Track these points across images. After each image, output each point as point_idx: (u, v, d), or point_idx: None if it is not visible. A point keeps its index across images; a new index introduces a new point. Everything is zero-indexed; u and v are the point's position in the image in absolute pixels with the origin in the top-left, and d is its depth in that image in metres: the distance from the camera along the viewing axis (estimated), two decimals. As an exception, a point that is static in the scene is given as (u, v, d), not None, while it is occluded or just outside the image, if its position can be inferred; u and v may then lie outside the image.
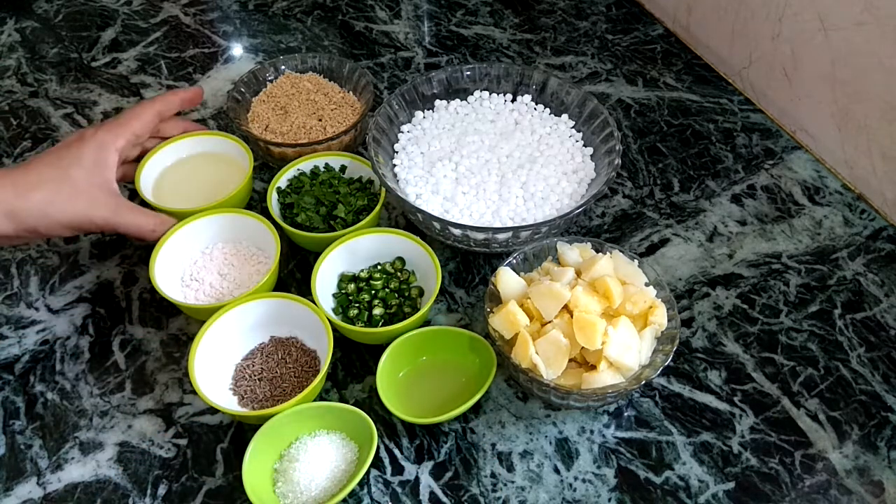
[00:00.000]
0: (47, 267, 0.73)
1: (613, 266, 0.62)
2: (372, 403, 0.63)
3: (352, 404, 0.59)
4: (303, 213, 0.71)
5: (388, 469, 0.59)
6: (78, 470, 0.59)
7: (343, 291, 0.68)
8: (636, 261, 0.63)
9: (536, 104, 0.80)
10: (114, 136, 0.67)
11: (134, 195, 0.78)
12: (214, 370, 0.62)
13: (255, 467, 0.56)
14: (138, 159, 0.75)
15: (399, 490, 0.58)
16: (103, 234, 0.75)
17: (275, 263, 0.66)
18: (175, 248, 0.68)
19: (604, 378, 0.56)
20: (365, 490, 0.58)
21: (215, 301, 0.67)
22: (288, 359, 0.64)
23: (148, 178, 0.75)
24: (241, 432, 0.61)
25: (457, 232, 0.67)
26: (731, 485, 0.58)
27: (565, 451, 0.60)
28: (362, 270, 0.70)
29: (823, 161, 0.81)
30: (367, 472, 0.59)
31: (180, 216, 0.70)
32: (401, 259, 0.70)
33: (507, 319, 0.59)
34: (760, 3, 0.83)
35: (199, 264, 0.70)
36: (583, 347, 0.57)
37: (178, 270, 0.69)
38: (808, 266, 0.72)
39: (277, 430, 0.58)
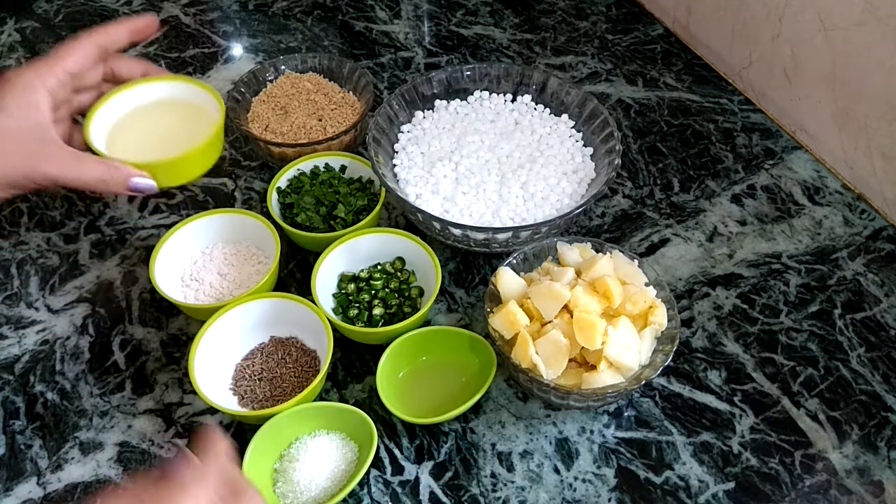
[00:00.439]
0: (47, 267, 0.73)
1: (613, 266, 0.62)
2: (372, 403, 0.63)
3: (352, 404, 0.59)
4: (303, 213, 0.71)
5: (388, 469, 0.59)
6: (78, 470, 0.59)
7: (343, 291, 0.68)
8: (636, 261, 0.63)
9: (536, 104, 0.80)
10: (40, 76, 0.56)
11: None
12: (214, 370, 0.62)
13: (255, 467, 0.56)
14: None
15: (399, 490, 0.58)
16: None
17: (275, 263, 0.66)
18: (175, 248, 0.68)
19: (604, 378, 0.56)
20: (365, 490, 0.58)
21: (215, 301, 0.67)
22: (288, 359, 0.64)
23: (100, 128, 0.63)
24: (241, 432, 0.61)
25: (457, 232, 0.67)
26: (731, 485, 0.58)
27: (565, 451, 0.60)
28: (362, 270, 0.70)
29: (823, 161, 0.81)
30: (367, 472, 0.59)
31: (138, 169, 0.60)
32: (401, 259, 0.70)
33: (507, 319, 0.59)
34: (760, 3, 0.83)
35: (199, 264, 0.70)
36: (583, 347, 0.57)
37: (178, 270, 0.69)
38: (808, 266, 0.72)
39: (277, 430, 0.58)
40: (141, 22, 0.63)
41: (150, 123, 0.65)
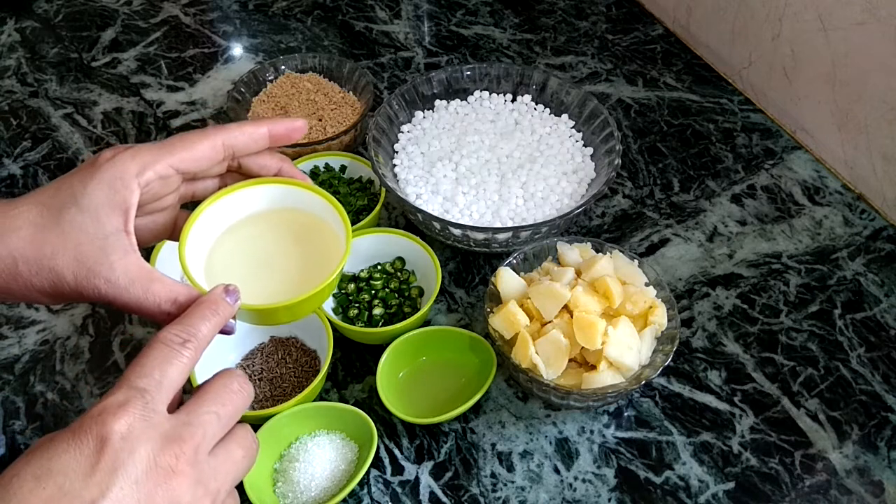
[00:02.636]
0: (47, 267, 0.73)
1: (613, 266, 0.62)
2: (372, 403, 0.63)
3: (352, 404, 0.59)
4: (303, 213, 0.71)
5: (388, 469, 0.59)
6: (78, 470, 0.59)
7: (343, 291, 0.68)
8: (636, 261, 0.63)
9: (536, 104, 0.80)
10: (140, 163, 0.43)
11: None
12: (214, 370, 0.62)
13: (255, 467, 0.56)
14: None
15: (399, 490, 0.58)
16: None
17: None
18: (175, 248, 0.68)
19: (604, 378, 0.56)
20: (365, 490, 0.58)
21: None
22: (288, 359, 0.64)
23: (197, 245, 0.48)
24: (241, 432, 0.61)
25: (457, 232, 0.67)
26: (731, 485, 0.58)
27: (565, 451, 0.60)
28: (362, 270, 0.70)
29: (823, 161, 0.81)
30: (367, 472, 0.59)
31: (249, 316, 0.46)
32: (401, 259, 0.70)
33: (507, 319, 0.59)
34: (760, 3, 0.83)
35: None
36: (583, 347, 0.57)
37: (178, 270, 0.69)
38: (808, 266, 0.72)
39: (277, 430, 0.58)
40: (282, 126, 0.49)
41: (264, 243, 0.50)
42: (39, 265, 0.41)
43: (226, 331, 0.43)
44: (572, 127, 0.78)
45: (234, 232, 0.49)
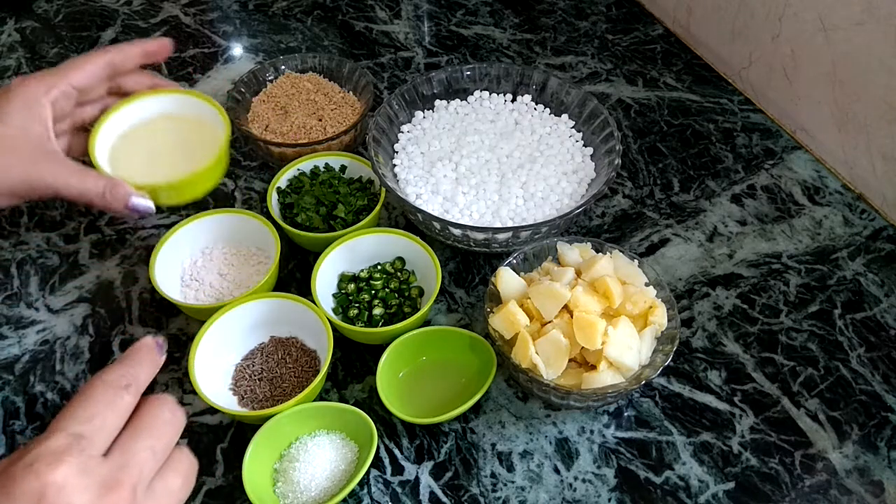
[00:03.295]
0: (47, 267, 0.73)
1: (613, 266, 0.62)
2: (372, 403, 0.63)
3: (352, 404, 0.59)
4: (303, 213, 0.71)
5: (388, 469, 0.59)
6: (78, 470, 0.59)
7: (343, 291, 0.68)
8: (636, 261, 0.63)
9: (536, 104, 0.80)
10: (45, 86, 0.57)
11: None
12: (214, 370, 0.62)
13: (255, 467, 0.56)
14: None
15: (399, 490, 0.58)
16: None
17: (275, 263, 0.66)
18: (175, 248, 0.68)
19: (604, 378, 0.56)
20: (365, 490, 0.58)
21: (215, 301, 0.67)
22: (288, 359, 0.64)
23: (104, 143, 0.64)
24: (241, 432, 0.61)
25: (457, 232, 0.67)
26: (731, 485, 0.58)
27: (565, 451, 0.60)
28: (362, 270, 0.70)
29: (823, 161, 0.81)
30: (367, 472, 0.59)
31: (142, 191, 0.62)
32: (401, 259, 0.70)
33: (507, 319, 0.59)
34: (760, 3, 0.83)
35: (199, 264, 0.70)
36: (583, 347, 0.57)
37: (178, 270, 0.69)
38: (808, 266, 0.72)
39: (277, 430, 0.58)
40: (154, 44, 0.63)
41: (154, 140, 0.65)
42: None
43: (143, 213, 0.59)
44: (572, 127, 0.78)
45: (131, 134, 0.65)
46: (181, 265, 0.69)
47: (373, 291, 0.67)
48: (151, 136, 0.66)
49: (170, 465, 0.40)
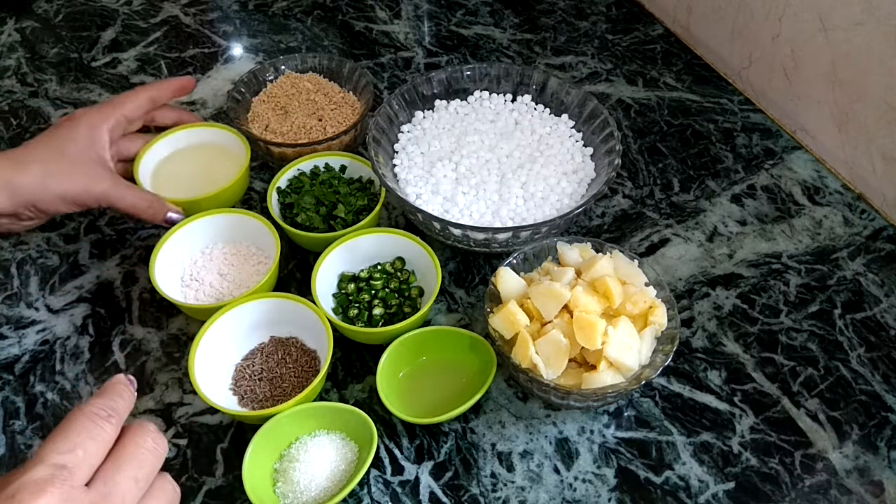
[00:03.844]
0: (47, 267, 0.73)
1: (613, 266, 0.62)
2: (372, 403, 0.63)
3: (352, 404, 0.59)
4: (303, 213, 0.71)
5: (388, 469, 0.59)
6: (78, 470, 0.59)
7: (343, 291, 0.68)
8: (636, 261, 0.63)
9: (536, 104, 0.80)
10: (104, 117, 0.69)
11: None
12: (214, 370, 0.62)
13: (255, 467, 0.56)
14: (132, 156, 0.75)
15: (399, 490, 0.58)
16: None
17: (275, 263, 0.66)
18: (175, 248, 0.68)
19: (604, 378, 0.56)
20: (365, 490, 0.58)
21: (215, 301, 0.67)
22: (288, 359, 0.64)
23: (146, 170, 0.75)
24: (241, 432, 0.61)
25: (457, 232, 0.67)
26: (731, 485, 0.58)
27: (565, 451, 0.60)
28: (362, 270, 0.70)
29: (823, 161, 0.81)
30: (367, 472, 0.59)
31: (178, 206, 0.71)
32: (401, 259, 0.70)
33: (507, 319, 0.59)
34: (760, 3, 0.83)
35: (199, 264, 0.70)
36: (583, 347, 0.57)
37: (178, 270, 0.69)
38: (808, 266, 0.72)
39: (277, 430, 0.58)
40: (181, 82, 0.77)
41: (186, 165, 0.77)
42: (61, 185, 0.65)
43: (172, 221, 0.69)
44: (572, 127, 0.78)
45: (167, 159, 0.78)
46: (181, 265, 0.70)
47: (373, 291, 0.67)
48: (184, 162, 0.78)
49: (152, 494, 0.40)
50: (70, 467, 0.37)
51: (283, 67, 0.86)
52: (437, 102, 0.80)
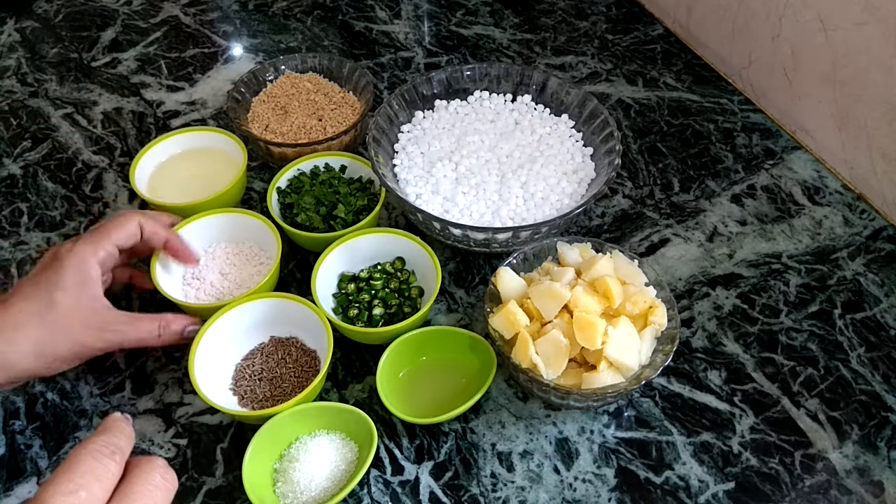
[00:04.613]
0: (47, 267, 0.73)
1: (613, 266, 0.62)
2: (372, 403, 0.63)
3: (352, 404, 0.59)
4: (303, 213, 0.71)
5: (388, 469, 0.59)
6: (78, 470, 0.59)
7: (343, 291, 0.68)
8: (636, 261, 0.63)
9: (536, 104, 0.80)
10: (93, 248, 0.60)
11: (132, 197, 0.78)
12: (214, 370, 0.62)
13: (255, 467, 0.56)
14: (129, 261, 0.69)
15: (399, 490, 0.58)
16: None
17: (276, 263, 0.66)
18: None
19: (604, 378, 0.56)
20: (365, 490, 0.58)
21: (216, 300, 0.67)
22: (288, 359, 0.64)
23: (142, 174, 0.75)
24: (241, 432, 0.61)
25: (457, 232, 0.67)
26: (731, 485, 0.58)
27: (565, 451, 0.60)
28: (362, 270, 0.70)
29: (823, 161, 0.81)
30: (367, 472, 0.59)
31: (175, 211, 0.70)
32: (401, 259, 0.70)
33: (507, 319, 0.59)
34: (760, 3, 0.83)
35: (200, 263, 0.70)
36: (583, 347, 0.57)
37: (178, 269, 0.69)
38: (808, 266, 0.72)
39: (277, 430, 0.58)
40: (183, 250, 0.67)
41: (183, 169, 0.77)
42: (60, 342, 0.57)
43: (193, 336, 0.61)
44: (572, 127, 0.78)
45: (164, 165, 0.77)
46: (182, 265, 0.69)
47: (373, 291, 0.67)
48: (182, 166, 0.77)
49: None
50: None
51: (283, 67, 0.86)
52: (437, 102, 0.80)
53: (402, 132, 0.78)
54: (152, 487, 0.40)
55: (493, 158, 0.74)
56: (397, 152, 0.76)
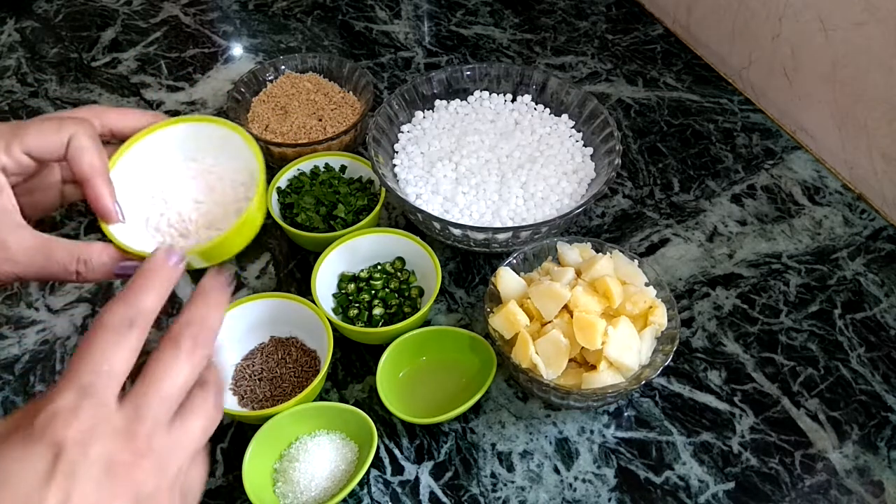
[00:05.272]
0: (47, 267, 0.73)
1: (613, 266, 0.62)
2: (372, 403, 0.63)
3: (352, 404, 0.59)
4: (303, 213, 0.71)
5: (388, 469, 0.59)
6: (78, 470, 0.59)
7: (343, 291, 0.68)
8: (636, 261, 0.63)
9: (536, 104, 0.80)
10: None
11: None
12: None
13: (255, 467, 0.56)
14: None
15: (399, 490, 0.58)
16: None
17: (260, 192, 0.47)
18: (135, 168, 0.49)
19: (604, 378, 0.56)
20: (365, 490, 0.58)
21: (178, 235, 0.48)
22: (288, 359, 0.64)
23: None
24: (241, 432, 0.61)
25: (457, 232, 0.67)
26: (731, 485, 0.58)
27: (565, 451, 0.60)
28: (362, 270, 0.70)
29: (823, 161, 0.81)
30: (367, 472, 0.59)
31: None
32: (401, 259, 0.70)
33: (507, 319, 0.59)
34: (760, 3, 0.83)
35: (167, 184, 0.50)
36: (583, 347, 0.57)
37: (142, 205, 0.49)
38: (808, 266, 0.72)
39: (277, 430, 0.58)
40: (103, 200, 0.45)
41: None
42: None
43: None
44: (572, 127, 0.78)
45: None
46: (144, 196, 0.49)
47: (373, 291, 0.67)
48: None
49: (191, 407, 0.38)
50: (97, 385, 0.35)
51: (283, 67, 0.86)
52: (437, 102, 0.80)
53: (402, 132, 0.78)
54: (176, 362, 0.38)
55: (493, 158, 0.74)
56: (397, 152, 0.76)
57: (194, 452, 0.38)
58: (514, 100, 0.80)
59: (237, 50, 0.96)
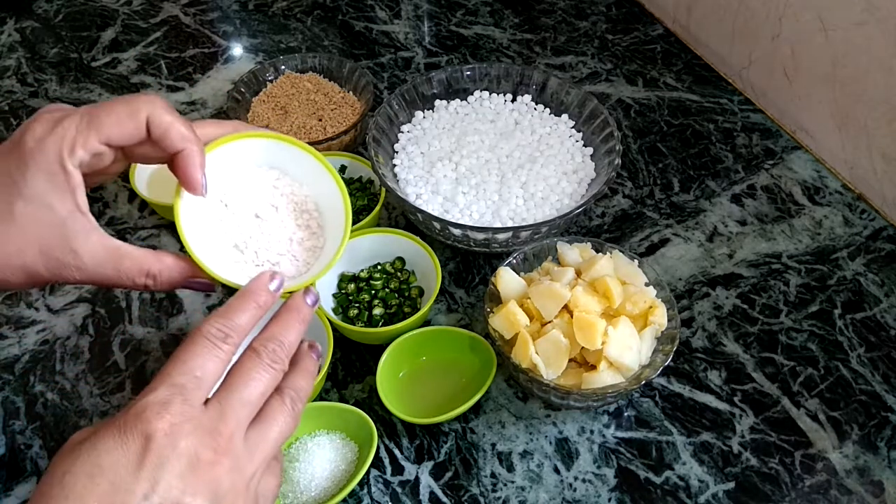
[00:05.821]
0: (47, 267, 0.73)
1: (613, 266, 0.62)
2: (372, 403, 0.63)
3: (352, 404, 0.59)
4: (303, 213, 0.71)
5: (388, 469, 0.59)
6: (78, 470, 0.59)
7: (343, 291, 0.68)
8: (636, 261, 0.63)
9: (536, 104, 0.80)
10: (69, 145, 0.42)
11: (131, 197, 0.77)
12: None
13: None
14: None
15: (399, 490, 0.58)
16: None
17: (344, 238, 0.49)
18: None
19: (604, 378, 0.56)
20: (365, 490, 0.58)
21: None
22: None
23: (143, 174, 0.70)
24: (241, 432, 0.61)
25: (457, 232, 0.67)
26: (731, 485, 0.58)
27: (565, 451, 0.60)
28: (362, 270, 0.70)
29: (823, 161, 0.81)
30: (367, 472, 0.59)
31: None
32: (401, 259, 0.70)
33: (507, 319, 0.59)
34: (760, 3, 0.83)
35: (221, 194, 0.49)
36: (583, 347, 0.57)
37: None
38: (808, 266, 0.72)
39: (277, 430, 0.58)
40: (193, 170, 0.45)
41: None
42: (9, 264, 0.42)
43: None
44: (572, 127, 0.78)
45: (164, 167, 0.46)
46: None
47: (373, 291, 0.67)
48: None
49: (270, 414, 0.42)
50: (188, 386, 0.38)
51: (283, 67, 0.86)
52: (437, 102, 0.80)
53: (402, 132, 0.78)
54: (257, 372, 0.42)
55: (493, 158, 0.74)
56: (397, 152, 0.76)
57: (270, 457, 0.41)
58: (514, 100, 0.80)
59: (237, 50, 0.96)
